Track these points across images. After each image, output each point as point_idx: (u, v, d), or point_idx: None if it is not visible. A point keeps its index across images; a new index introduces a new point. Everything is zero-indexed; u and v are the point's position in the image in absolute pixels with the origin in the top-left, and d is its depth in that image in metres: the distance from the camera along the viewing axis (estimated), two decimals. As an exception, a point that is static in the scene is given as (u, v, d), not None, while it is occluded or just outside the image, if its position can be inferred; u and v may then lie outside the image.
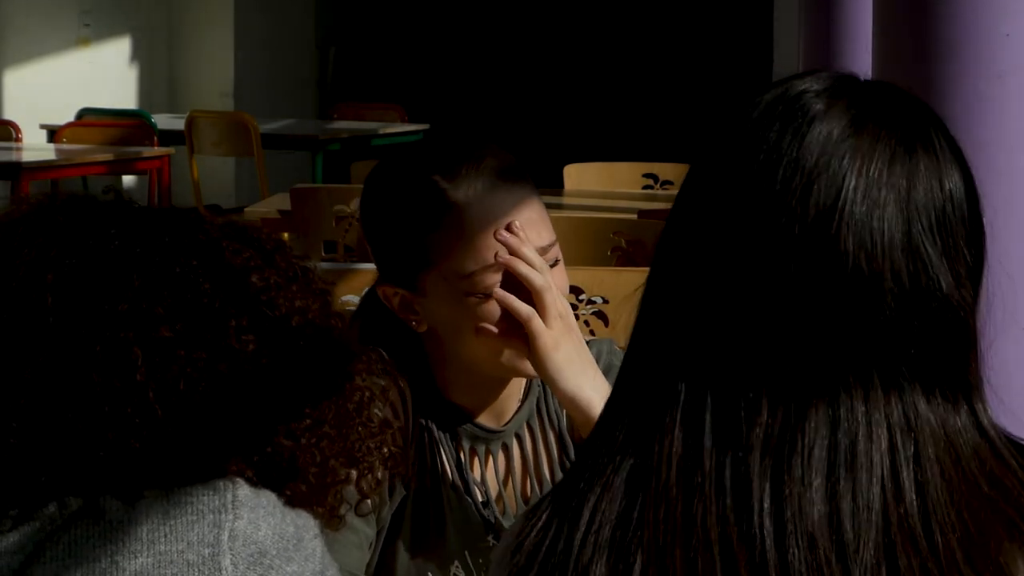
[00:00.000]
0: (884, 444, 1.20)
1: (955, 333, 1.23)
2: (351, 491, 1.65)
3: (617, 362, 2.32)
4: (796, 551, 1.18)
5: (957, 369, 1.23)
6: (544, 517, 1.26)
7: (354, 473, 1.64)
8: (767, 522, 1.19)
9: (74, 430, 1.50)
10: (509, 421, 2.30)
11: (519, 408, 2.31)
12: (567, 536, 1.23)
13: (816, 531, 1.18)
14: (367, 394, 1.64)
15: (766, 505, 1.19)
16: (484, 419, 2.29)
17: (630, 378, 1.27)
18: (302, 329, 1.58)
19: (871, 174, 1.22)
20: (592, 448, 1.27)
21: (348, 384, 1.62)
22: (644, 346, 1.27)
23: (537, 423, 2.33)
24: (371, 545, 2.20)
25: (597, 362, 2.27)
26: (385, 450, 1.66)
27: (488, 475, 2.29)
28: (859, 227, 1.21)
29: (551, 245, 2.22)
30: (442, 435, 2.26)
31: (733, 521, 1.19)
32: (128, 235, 1.56)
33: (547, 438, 2.33)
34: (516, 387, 2.30)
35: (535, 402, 2.33)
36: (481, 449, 2.28)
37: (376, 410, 1.66)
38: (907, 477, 1.20)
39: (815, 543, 1.18)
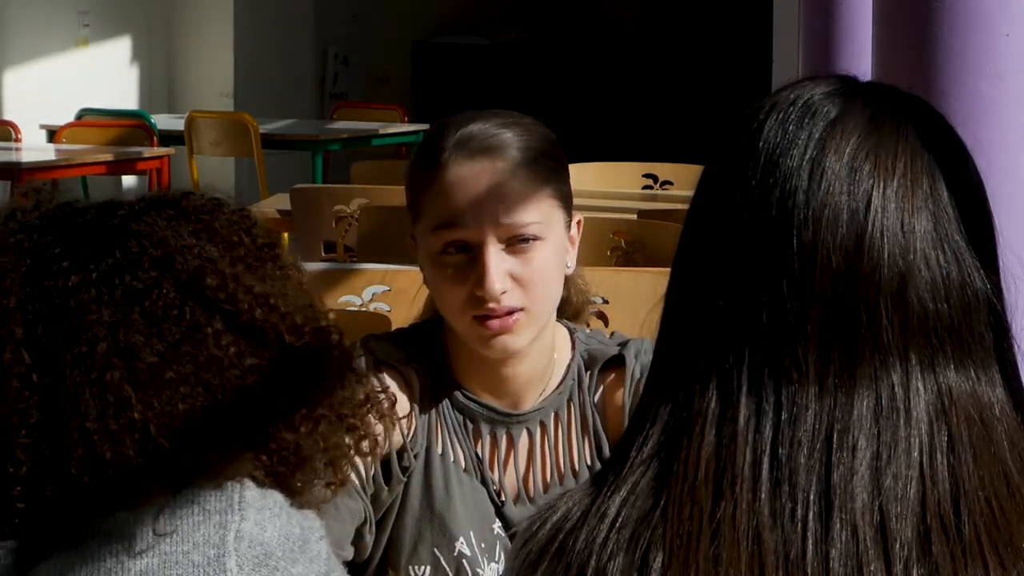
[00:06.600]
0: (923, 430, 1.22)
1: (990, 318, 1.25)
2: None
3: None
4: (840, 540, 1.20)
5: (992, 353, 1.25)
6: (562, 511, 1.27)
7: (353, 440, 1.63)
8: (812, 514, 1.20)
9: (73, 478, 1.48)
10: (532, 409, 2.31)
11: (546, 397, 2.31)
12: (588, 534, 1.24)
13: (859, 519, 1.20)
14: (345, 362, 1.62)
15: (812, 497, 1.20)
16: (500, 405, 2.31)
17: (659, 381, 1.28)
18: (268, 316, 1.56)
19: (898, 172, 1.24)
20: (622, 450, 1.28)
21: (327, 356, 1.60)
22: (672, 350, 1.28)
23: (566, 414, 2.33)
24: (366, 520, 2.23)
25: (635, 359, 2.30)
26: (376, 409, 1.65)
27: (509, 461, 2.31)
28: (892, 226, 1.23)
29: (522, 225, 2.20)
30: (457, 417, 2.29)
31: (767, 515, 1.21)
32: (79, 262, 1.52)
33: (576, 431, 2.33)
34: (536, 376, 2.30)
35: (568, 393, 2.33)
36: (502, 432, 2.30)
37: (355, 374, 1.64)
38: (942, 463, 1.21)
39: (857, 531, 1.20)
